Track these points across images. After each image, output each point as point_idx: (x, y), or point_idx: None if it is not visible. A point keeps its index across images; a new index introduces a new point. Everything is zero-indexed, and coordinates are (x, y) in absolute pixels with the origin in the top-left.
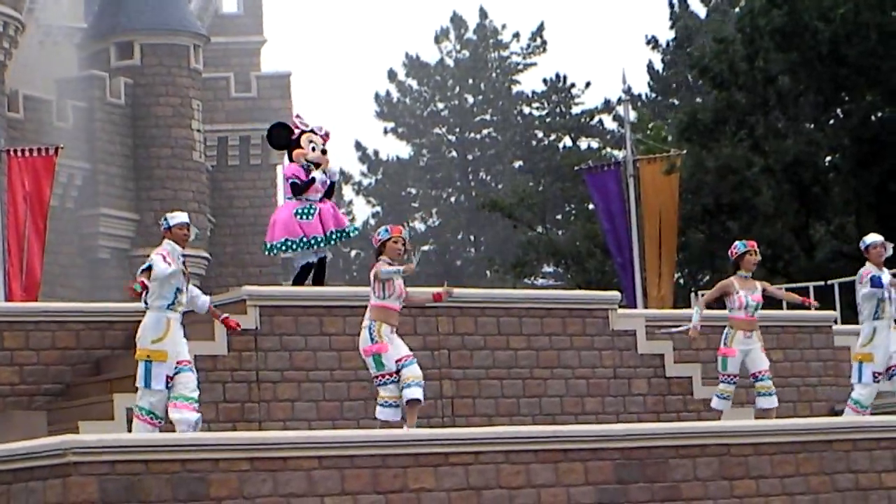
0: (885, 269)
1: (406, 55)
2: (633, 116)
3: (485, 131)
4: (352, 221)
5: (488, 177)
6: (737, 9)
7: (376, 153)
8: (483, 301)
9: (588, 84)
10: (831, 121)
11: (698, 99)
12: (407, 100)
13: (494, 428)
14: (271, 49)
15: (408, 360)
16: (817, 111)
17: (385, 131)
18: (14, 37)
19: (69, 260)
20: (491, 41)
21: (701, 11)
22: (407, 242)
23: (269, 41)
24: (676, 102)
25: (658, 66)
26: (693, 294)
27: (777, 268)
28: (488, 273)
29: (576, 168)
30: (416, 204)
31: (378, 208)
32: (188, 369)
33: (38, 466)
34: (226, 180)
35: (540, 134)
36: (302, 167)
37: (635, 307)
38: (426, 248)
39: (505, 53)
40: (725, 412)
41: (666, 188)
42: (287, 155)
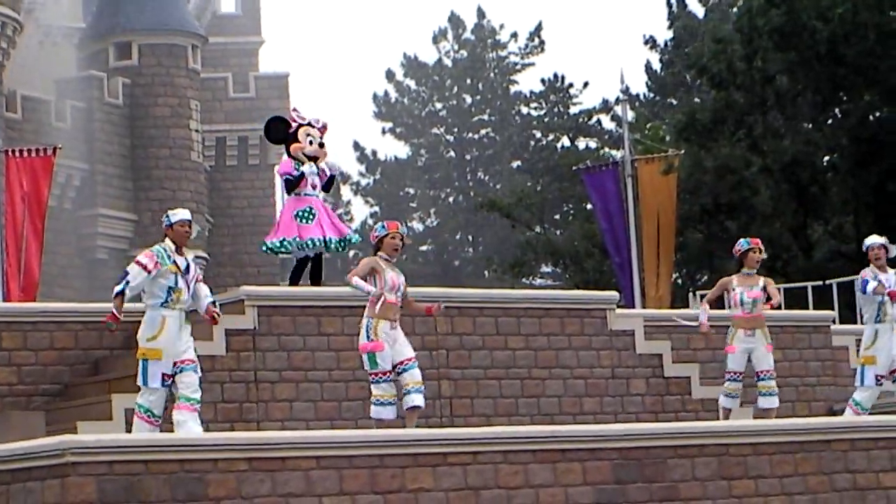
0: (890, 271)
1: (404, 55)
2: (632, 116)
3: (483, 131)
4: (350, 222)
5: (486, 177)
6: (735, 8)
7: (374, 153)
8: (481, 301)
9: (586, 84)
10: (829, 120)
11: (696, 99)
12: (405, 100)
13: (492, 428)
14: (269, 49)
15: (409, 364)
16: (815, 111)
17: (383, 131)
18: (12, 37)
19: (67, 260)
20: (489, 41)
21: (699, 11)
22: (405, 238)
23: (268, 41)
24: (675, 102)
25: (656, 66)
26: (691, 294)
27: (775, 267)
28: (486, 273)
29: (574, 168)
30: (415, 204)
31: (376, 208)
32: (190, 369)
33: (37, 467)
34: (224, 180)
35: (538, 134)
36: (294, 161)
37: (633, 307)
38: (424, 248)
39: (503, 53)
40: (735, 410)
41: (664, 188)
42: (285, 149)
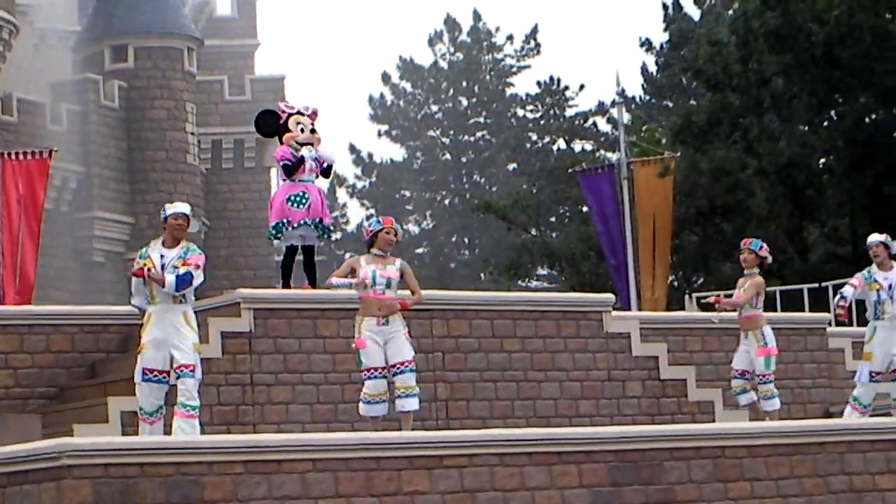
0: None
1: (400, 58)
2: (627, 119)
3: (479, 134)
4: (346, 224)
5: (482, 179)
6: (731, 11)
7: (370, 156)
8: (477, 304)
9: (582, 86)
10: (825, 123)
11: (692, 101)
12: (401, 102)
13: (488, 430)
14: (265, 52)
15: (401, 368)
16: (811, 113)
17: (379, 134)
18: (8, 40)
19: (63, 263)
20: (485, 43)
21: (695, 14)
22: (399, 233)
23: (264, 44)
24: (670, 105)
25: (652, 69)
26: (687, 296)
27: (771, 270)
28: (482, 275)
29: (570, 170)
30: (410, 206)
31: (372, 211)
32: (187, 374)
33: (33, 469)
34: (220, 183)
35: (534, 136)
36: (290, 148)
37: (629, 309)
38: (420, 251)
39: (499, 56)
40: (746, 405)
41: (660, 190)
42: (278, 141)
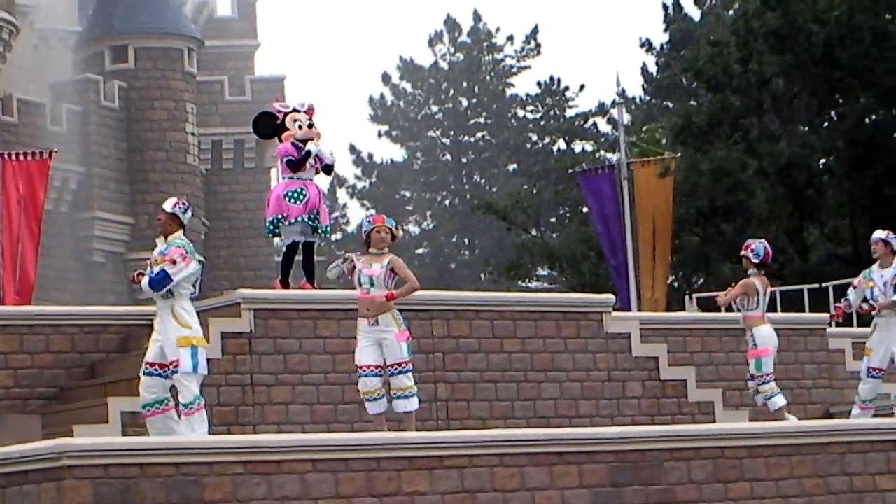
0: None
1: (400, 58)
2: (627, 119)
3: (479, 134)
4: (346, 225)
5: (482, 179)
6: (731, 11)
7: (370, 156)
8: (477, 304)
9: (582, 87)
10: (825, 123)
11: (692, 102)
12: (401, 103)
13: (489, 431)
14: (265, 52)
15: (394, 370)
16: (811, 114)
17: (379, 134)
18: (8, 40)
19: (64, 263)
20: (485, 44)
21: (695, 14)
22: (394, 230)
23: (264, 45)
24: (671, 105)
25: (652, 69)
26: (687, 296)
27: (771, 270)
28: (482, 276)
29: (570, 171)
30: (411, 207)
31: (372, 211)
32: (175, 371)
33: (33, 470)
34: (220, 184)
35: (534, 137)
36: (293, 144)
37: (629, 310)
38: (420, 251)
39: (499, 56)
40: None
41: (660, 191)
42: (278, 141)
